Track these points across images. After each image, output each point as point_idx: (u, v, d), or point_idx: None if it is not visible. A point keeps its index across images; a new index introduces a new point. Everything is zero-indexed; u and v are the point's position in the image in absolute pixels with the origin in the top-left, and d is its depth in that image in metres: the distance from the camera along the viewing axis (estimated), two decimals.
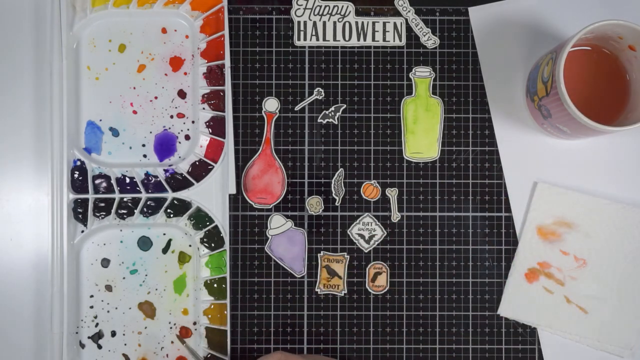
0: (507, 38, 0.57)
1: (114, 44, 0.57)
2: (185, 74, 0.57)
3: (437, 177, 0.57)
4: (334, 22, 0.57)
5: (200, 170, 0.56)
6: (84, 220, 0.55)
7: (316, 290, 0.56)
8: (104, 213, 0.56)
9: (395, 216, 0.57)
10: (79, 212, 0.55)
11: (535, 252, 0.56)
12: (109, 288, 0.56)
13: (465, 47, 0.57)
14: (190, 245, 0.57)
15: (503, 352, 0.56)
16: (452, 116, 0.57)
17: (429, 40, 0.57)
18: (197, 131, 0.56)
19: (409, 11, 0.57)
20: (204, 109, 0.56)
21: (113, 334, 0.56)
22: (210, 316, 0.55)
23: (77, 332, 0.56)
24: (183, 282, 0.56)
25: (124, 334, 0.56)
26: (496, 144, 0.57)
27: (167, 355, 0.56)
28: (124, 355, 0.56)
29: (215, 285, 0.55)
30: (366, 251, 0.57)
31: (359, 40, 0.57)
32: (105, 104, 0.57)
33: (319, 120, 0.57)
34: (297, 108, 0.57)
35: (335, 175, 0.57)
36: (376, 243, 0.56)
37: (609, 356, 0.56)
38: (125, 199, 0.56)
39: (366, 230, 0.56)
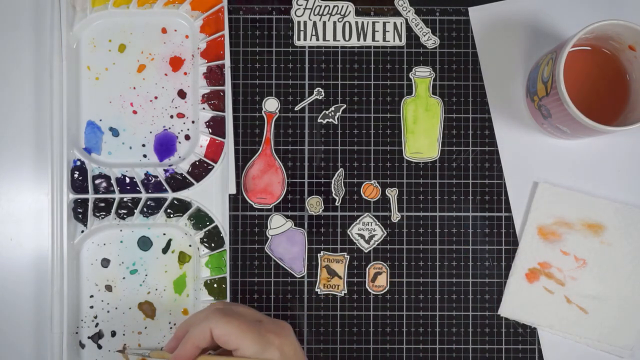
0: (507, 38, 0.57)
1: (114, 44, 0.57)
2: (185, 74, 0.57)
3: (437, 177, 0.57)
4: (334, 22, 0.57)
5: (200, 170, 0.56)
6: (84, 220, 0.55)
7: (316, 290, 0.56)
8: (104, 213, 0.56)
9: (395, 216, 0.57)
10: (79, 212, 0.55)
11: (535, 252, 0.56)
12: (109, 288, 0.56)
13: (465, 47, 0.57)
14: (190, 245, 0.57)
15: (503, 352, 0.56)
16: (452, 116, 0.57)
17: (429, 40, 0.57)
18: (197, 131, 0.56)
19: (409, 11, 0.57)
20: (204, 109, 0.56)
21: (113, 334, 0.56)
22: None
23: (77, 332, 0.56)
24: (183, 282, 0.56)
25: (124, 334, 0.56)
26: (496, 144, 0.57)
27: None
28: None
29: (215, 285, 0.55)
30: (366, 251, 0.57)
31: (359, 40, 0.57)
32: (105, 104, 0.57)
33: (319, 120, 0.57)
34: (297, 108, 0.57)
35: (335, 175, 0.57)
36: (376, 243, 0.56)
37: (609, 356, 0.56)
38: (125, 199, 0.56)
39: (366, 230, 0.56)
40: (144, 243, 0.56)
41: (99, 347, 0.56)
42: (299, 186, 0.57)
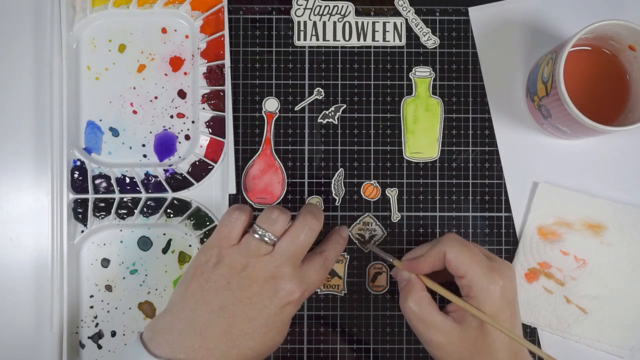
0: (507, 38, 0.57)
1: (114, 44, 0.57)
2: (185, 74, 0.57)
3: (437, 177, 0.57)
4: (334, 22, 0.57)
5: (200, 170, 0.56)
6: (84, 220, 0.55)
7: (316, 290, 0.56)
8: (104, 213, 0.56)
9: (395, 216, 0.57)
10: (79, 212, 0.55)
11: (535, 252, 0.56)
12: (109, 288, 0.56)
13: (465, 47, 0.57)
14: (190, 245, 0.57)
15: None
16: (452, 116, 0.57)
17: (429, 40, 0.57)
18: (197, 131, 0.56)
19: (409, 11, 0.57)
20: (204, 109, 0.56)
21: (113, 334, 0.56)
22: None
23: (77, 332, 0.56)
24: None
25: (124, 334, 0.56)
26: (496, 144, 0.57)
27: None
28: None
29: None
30: (366, 251, 0.57)
31: (359, 40, 0.57)
32: (105, 104, 0.57)
33: (319, 120, 0.57)
34: (297, 108, 0.57)
35: (335, 175, 0.57)
36: (376, 243, 0.56)
37: (608, 356, 0.56)
38: (125, 199, 0.56)
39: (366, 231, 0.56)
40: (144, 243, 0.57)
41: (99, 347, 0.56)
42: (299, 186, 0.57)
